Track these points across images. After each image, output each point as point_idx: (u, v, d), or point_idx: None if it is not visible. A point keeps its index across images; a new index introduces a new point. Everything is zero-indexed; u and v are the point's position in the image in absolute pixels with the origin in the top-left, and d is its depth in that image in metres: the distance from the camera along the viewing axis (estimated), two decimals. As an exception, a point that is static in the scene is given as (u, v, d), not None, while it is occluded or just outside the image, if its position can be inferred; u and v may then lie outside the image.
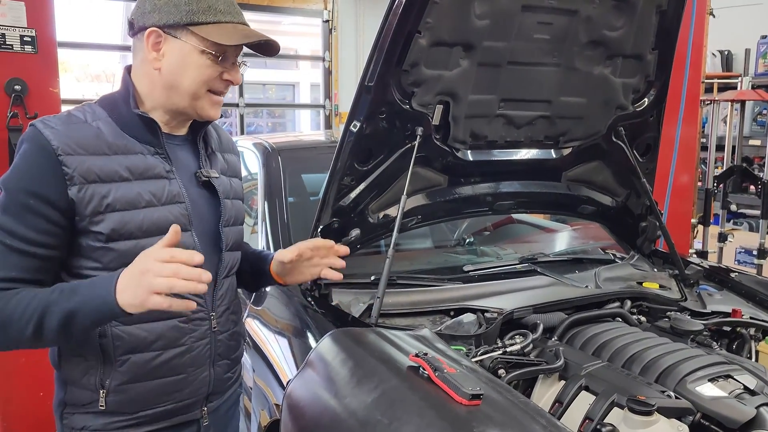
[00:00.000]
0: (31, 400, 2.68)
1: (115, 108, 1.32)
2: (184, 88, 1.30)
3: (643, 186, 2.36)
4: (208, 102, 1.34)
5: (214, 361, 1.44)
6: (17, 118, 2.50)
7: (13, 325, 1.17)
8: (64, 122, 1.26)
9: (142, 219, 1.27)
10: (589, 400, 1.51)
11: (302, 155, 2.90)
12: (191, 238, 1.35)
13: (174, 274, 1.10)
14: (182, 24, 1.27)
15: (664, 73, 2.18)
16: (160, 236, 1.25)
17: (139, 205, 1.28)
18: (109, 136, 1.28)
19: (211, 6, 1.28)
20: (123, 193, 1.26)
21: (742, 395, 1.53)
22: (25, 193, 1.20)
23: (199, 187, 1.40)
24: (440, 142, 2.03)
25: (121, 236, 1.25)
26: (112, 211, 1.25)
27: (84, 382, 1.31)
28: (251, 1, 6.83)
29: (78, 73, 9.33)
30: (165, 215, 1.31)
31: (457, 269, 2.26)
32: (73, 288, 1.19)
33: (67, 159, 1.21)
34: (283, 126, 11.47)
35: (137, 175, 1.29)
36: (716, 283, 2.41)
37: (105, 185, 1.24)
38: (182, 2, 1.27)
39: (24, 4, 2.48)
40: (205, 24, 1.27)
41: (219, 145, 1.51)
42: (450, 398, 1.27)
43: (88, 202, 1.22)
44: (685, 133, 3.73)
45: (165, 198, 1.32)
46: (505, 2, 1.79)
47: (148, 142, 1.32)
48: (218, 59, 1.30)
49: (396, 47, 1.72)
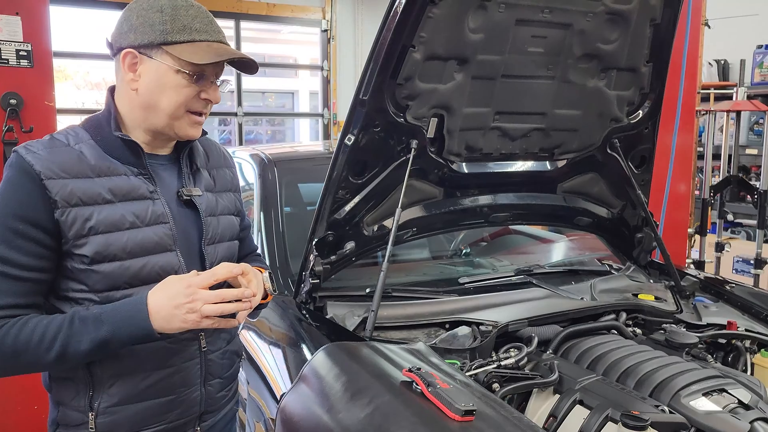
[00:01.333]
0: (26, 413, 2.68)
1: (99, 130, 1.32)
2: (161, 109, 1.29)
3: (638, 197, 2.36)
4: (187, 122, 1.33)
5: (206, 381, 1.43)
6: (12, 132, 2.50)
7: (29, 354, 1.19)
8: (46, 146, 1.26)
9: (126, 240, 1.27)
10: (584, 414, 1.51)
11: (299, 166, 2.90)
12: (176, 258, 1.34)
13: (221, 299, 1.21)
14: (156, 44, 1.26)
15: (659, 86, 2.19)
16: (145, 257, 1.28)
17: (123, 227, 1.27)
18: (92, 158, 1.28)
19: (187, 25, 1.27)
20: (106, 215, 1.26)
21: (737, 410, 1.53)
22: (14, 218, 1.21)
23: (182, 206, 1.39)
24: (435, 155, 2.03)
25: (105, 258, 1.25)
26: (95, 233, 1.25)
27: (74, 404, 1.31)
28: (250, 10, 6.87)
29: (78, 81, 9.35)
30: (149, 236, 1.30)
31: (452, 281, 2.26)
32: (97, 316, 1.21)
33: (49, 183, 1.22)
34: (282, 134, 11.48)
35: (120, 196, 1.29)
36: (712, 294, 2.41)
37: (88, 208, 1.25)
38: (157, 22, 1.26)
39: (20, 19, 2.49)
40: (179, 43, 1.26)
41: (206, 161, 1.49)
42: (443, 414, 1.26)
43: (71, 225, 1.23)
44: (682, 142, 3.74)
45: (149, 219, 1.31)
46: (499, 16, 1.80)
47: (132, 163, 1.32)
48: (194, 78, 1.29)
49: (390, 61, 1.73)
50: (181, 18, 1.27)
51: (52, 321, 1.21)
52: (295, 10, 7.36)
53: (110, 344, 1.21)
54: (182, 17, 1.27)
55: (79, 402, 1.30)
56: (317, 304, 1.96)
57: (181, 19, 1.27)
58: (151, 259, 1.30)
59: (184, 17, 1.28)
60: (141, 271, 1.29)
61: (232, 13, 6.64)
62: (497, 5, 1.77)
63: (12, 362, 1.20)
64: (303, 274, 1.94)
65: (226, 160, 1.58)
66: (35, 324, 1.20)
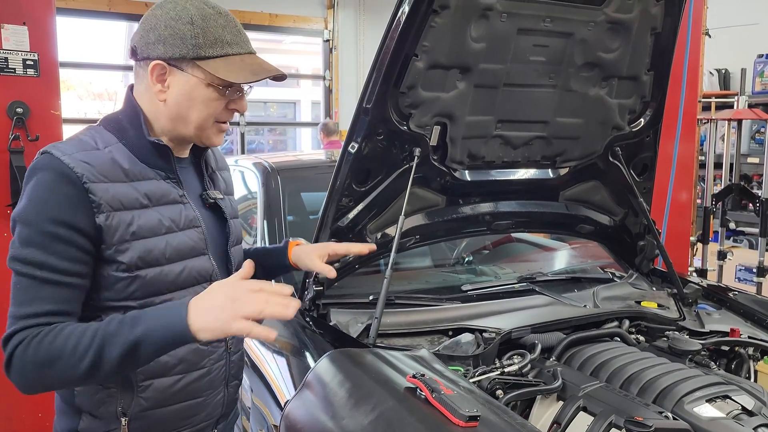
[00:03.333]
0: (30, 420, 2.68)
1: (124, 132, 1.28)
2: (190, 121, 1.28)
3: (640, 205, 2.37)
4: (214, 131, 1.32)
5: (228, 382, 1.45)
6: (19, 141, 2.52)
7: (63, 361, 1.11)
8: (78, 149, 1.21)
9: (165, 246, 1.25)
10: (587, 421, 1.51)
11: (302, 174, 2.92)
12: (209, 262, 1.35)
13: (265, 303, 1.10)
14: (188, 58, 1.23)
15: (660, 94, 2.20)
16: (182, 261, 1.27)
17: (161, 232, 1.25)
18: (124, 162, 1.25)
19: (218, 38, 1.24)
20: (145, 220, 1.24)
21: (740, 416, 1.53)
22: (53, 222, 1.15)
23: (206, 210, 1.39)
24: (438, 163, 2.05)
25: (147, 264, 1.23)
26: (137, 239, 1.22)
27: (102, 411, 1.27)
28: (253, 21, 6.92)
29: (80, 92, 9.40)
30: (185, 240, 1.29)
31: (455, 289, 2.26)
32: (134, 318, 1.13)
33: (93, 187, 1.17)
34: (284, 143, 11.52)
35: (155, 201, 1.27)
36: (715, 302, 2.41)
37: (129, 212, 1.22)
38: (188, 35, 1.22)
39: (27, 29, 2.51)
40: (212, 58, 1.24)
41: (217, 164, 1.51)
42: (447, 420, 1.26)
43: (115, 230, 1.19)
44: (683, 151, 3.75)
45: (183, 223, 1.30)
46: (501, 26, 1.81)
47: (160, 167, 1.30)
48: (225, 92, 1.27)
49: (393, 70, 1.75)
50: (212, 30, 1.24)
51: (88, 327, 1.14)
52: (297, 20, 7.41)
53: (141, 346, 1.11)
54: (213, 29, 1.24)
55: (108, 408, 1.26)
56: (321, 311, 1.96)
57: (212, 31, 1.24)
58: (188, 264, 1.29)
59: (214, 29, 1.24)
60: (179, 276, 1.28)
61: (235, 24, 6.67)
62: (499, 15, 1.78)
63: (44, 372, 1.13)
64: (306, 281, 1.95)
65: (225, 163, 1.59)
66: (71, 330, 1.13)
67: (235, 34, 1.28)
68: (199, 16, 1.24)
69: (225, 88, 1.27)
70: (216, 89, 1.26)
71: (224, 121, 1.33)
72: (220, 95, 1.27)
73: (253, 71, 1.27)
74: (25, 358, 1.12)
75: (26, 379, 1.15)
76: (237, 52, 1.27)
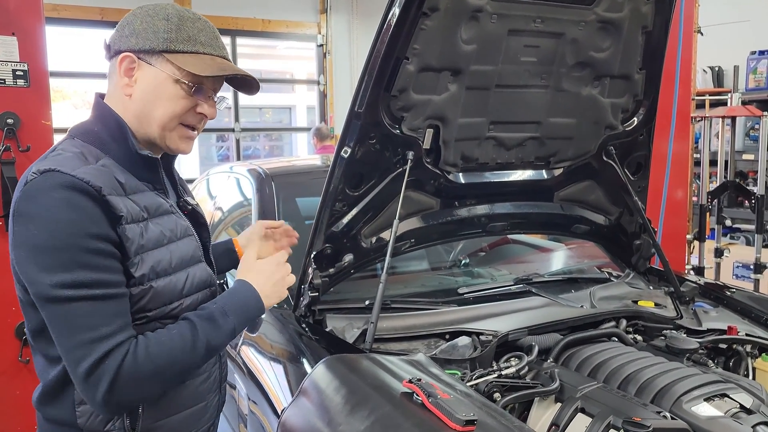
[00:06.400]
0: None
1: (105, 145, 1.25)
2: (154, 118, 1.25)
3: (635, 204, 2.37)
4: (178, 134, 1.28)
5: (221, 385, 1.46)
6: (9, 152, 2.51)
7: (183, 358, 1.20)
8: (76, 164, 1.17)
9: (170, 256, 1.25)
10: (586, 422, 1.50)
11: (296, 180, 2.91)
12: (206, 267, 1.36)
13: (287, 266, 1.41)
14: (158, 50, 1.21)
15: (653, 92, 2.20)
16: (186, 269, 1.28)
17: (164, 243, 1.25)
18: (119, 176, 1.22)
19: (192, 36, 1.23)
20: (150, 232, 1.22)
21: (739, 414, 1.53)
22: (90, 238, 1.12)
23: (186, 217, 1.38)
24: (431, 166, 2.04)
25: (158, 274, 1.22)
26: (147, 250, 1.20)
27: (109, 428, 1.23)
28: (246, 27, 6.92)
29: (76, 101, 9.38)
30: (184, 249, 1.29)
31: (451, 292, 2.26)
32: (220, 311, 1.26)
33: (111, 199, 1.15)
34: (280, 149, 11.50)
35: (152, 213, 1.25)
36: (712, 299, 2.40)
37: (138, 225, 1.20)
38: (161, 29, 1.22)
39: (16, 39, 2.51)
40: (182, 53, 1.22)
41: None
42: (444, 424, 1.26)
43: (131, 243, 1.17)
44: (678, 149, 3.75)
45: (180, 233, 1.30)
46: (492, 27, 1.81)
47: (148, 179, 1.29)
48: (192, 90, 1.24)
49: (384, 73, 1.74)
50: (187, 29, 1.24)
51: (178, 329, 1.20)
52: (290, 26, 7.41)
53: (236, 332, 1.28)
54: (188, 28, 1.24)
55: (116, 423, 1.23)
56: (316, 317, 1.95)
57: (186, 29, 1.24)
58: (191, 271, 1.30)
59: (190, 28, 1.24)
60: (186, 284, 1.28)
61: (228, 30, 6.69)
62: (489, 16, 1.78)
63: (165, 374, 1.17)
64: (302, 287, 1.94)
65: None
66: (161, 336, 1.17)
67: (210, 38, 1.27)
68: (176, 15, 1.24)
69: (192, 86, 1.24)
70: (183, 86, 1.23)
71: (191, 126, 1.29)
72: (187, 93, 1.24)
73: (222, 68, 1.26)
74: (139, 368, 1.12)
75: (142, 390, 1.16)
76: (209, 52, 1.26)
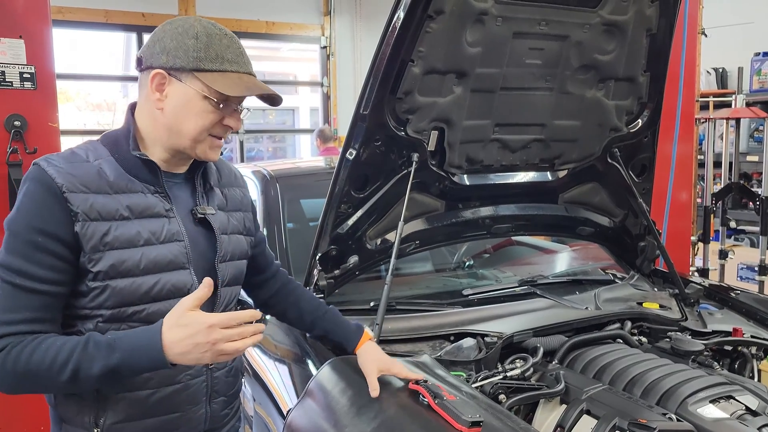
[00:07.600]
0: None
1: (117, 147, 1.33)
2: (185, 131, 1.32)
3: (640, 206, 2.37)
4: (208, 145, 1.35)
5: (211, 398, 1.43)
6: (17, 154, 2.52)
7: (42, 375, 1.18)
8: (66, 160, 1.27)
9: (140, 257, 1.28)
10: (591, 424, 1.50)
11: (300, 182, 2.92)
12: (189, 276, 1.35)
13: (240, 336, 1.18)
14: (188, 69, 1.28)
15: (657, 95, 2.21)
16: (158, 274, 1.29)
17: (138, 244, 1.28)
18: (111, 175, 1.29)
19: (219, 54, 1.30)
20: (122, 231, 1.27)
21: (744, 416, 1.52)
22: (34, 232, 1.21)
23: (197, 225, 1.40)
24: (436, 168, 2.05)
25: (118, 274, 1.26)
26: (111, 249, 1.25)
27: (78, 420, 1.31)
28: (250, 29, 6.93)
29: (79, 103, 9.40)
30: (164, 253, 1.31)
31: (456, 293, 2.26)
32: (110, 343, 1.18)
33: (71, 196, 1.22)
34: (283, 151, 11.51)
35: (137, 213, 1.30)
36: (716, 301, 2.40)
37: (105, 223, 1.25)
38: (191, 48, 1.28)
39: (23, 42, 2.52)
40: (210, 71, 1.29)
41: (218, 180, 1.51)
42: (450, 426, 1.26)
43: (89, 239, 1.23)
44: (682, 151, 3.75)
45: (164, 236, 1.32)
46: (497, 29, 1.82)
47: (148, 181, 1.33)
48: (219, 106, 1.31)
49: (390, 76, 1.75)
50: (215, 47, 1.30)
51: (66, 343, 1.20)
52: (294, 28, 7.42)
53: (121, 372, 1.18)
54: (216, 46, 1.30)
55: (84, 418, 1.30)
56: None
57: (214, 47, 1.30)
58: (164, 277, 1.31)
59: (217, 46, 1.30)
60: (153, 288, 1.29)
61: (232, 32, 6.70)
62: (494, 19, 1.79)
63: (24, 382, 1.20)
64: (307, 289, 1.95)
65: (237, 180, 1.59)
66: (49, 345, 1.19)
67: (236, 55, 1.33)
68: (204, 33, 1.30)
69: (220, 102, 1.31)
70: (211, 102, 1.30)
71: (219, 136, 1.36)
72: (215, 108, 1.31)
73: (248, 87, 1.32)
74: (5, 366, 1.18)
75: (6, 384, 1.22)
76: (236, 70, 1.32)
